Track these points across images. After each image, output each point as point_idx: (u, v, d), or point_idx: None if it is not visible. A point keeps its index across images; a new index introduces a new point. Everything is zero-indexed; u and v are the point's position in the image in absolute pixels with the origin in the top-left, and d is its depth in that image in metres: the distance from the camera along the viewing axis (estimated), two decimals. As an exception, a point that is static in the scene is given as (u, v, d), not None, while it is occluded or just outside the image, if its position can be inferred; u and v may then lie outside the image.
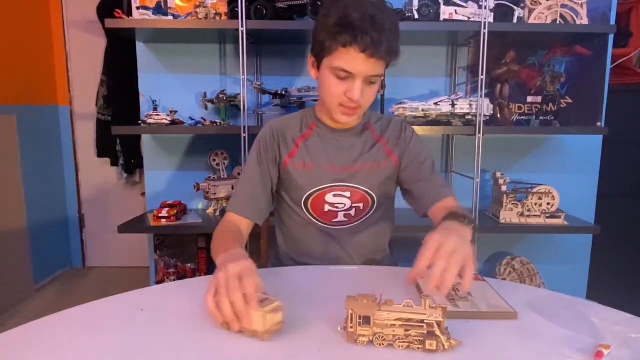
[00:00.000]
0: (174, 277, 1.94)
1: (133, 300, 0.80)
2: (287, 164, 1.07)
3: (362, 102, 0.96)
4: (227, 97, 1.78)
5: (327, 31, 0.91)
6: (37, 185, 2.62)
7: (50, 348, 0.64)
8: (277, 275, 0.96)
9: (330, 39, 0.91)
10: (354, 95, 0.93)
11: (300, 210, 1.09)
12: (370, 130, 1.10)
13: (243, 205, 1.04)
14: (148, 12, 1.61)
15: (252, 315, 0.64)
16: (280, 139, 1.08)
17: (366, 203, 1.08)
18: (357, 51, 0.89)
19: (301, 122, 1.11)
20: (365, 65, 0.91)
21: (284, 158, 1.07)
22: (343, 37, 0.89)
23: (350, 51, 0.90)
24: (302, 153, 1.07)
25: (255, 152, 1.08)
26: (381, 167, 1.08)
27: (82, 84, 2.86)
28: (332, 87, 0.96)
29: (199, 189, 1.77)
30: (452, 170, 1.96)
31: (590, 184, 1.97)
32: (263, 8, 1.60)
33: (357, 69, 0.91)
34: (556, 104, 1.83)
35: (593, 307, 0.79)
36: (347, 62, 0.91)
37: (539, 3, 1.64)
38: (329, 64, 0.94)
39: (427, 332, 0.62)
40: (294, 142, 1.08)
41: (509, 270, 1.87)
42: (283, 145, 1.08)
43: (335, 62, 0.92)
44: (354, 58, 0.90)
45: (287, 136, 1.08)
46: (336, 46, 0.91)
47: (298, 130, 1.10)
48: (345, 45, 0.89)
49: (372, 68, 0.92)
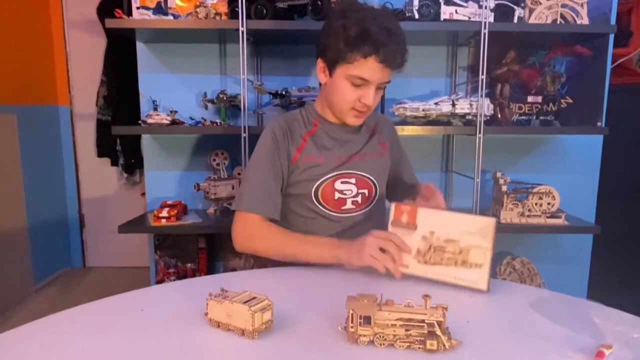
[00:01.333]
0: (174, 277, 1.93)
1: (133, 300, 0.80)
2: (297, 159, 1.10)
3: (372, 105, 1.06)
4: (227, 97, 1.78)
5: (347, 42, 0.98)
6: (37, 185, 2.62)
7: (50, 348, 0.63)
8: (277, 275, 0.96)
9: (350, 49, 0.98)
10: (369, 101, 1.03)
11: (310, 202, 1.11)
12: (365, 126, 1.19)
13: (261, 202, 1.06)
14: (148, 12, 1.61)
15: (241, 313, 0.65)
16: (289, 135, 1.12)
17: (370, 189, 1.14)
18: (376, 61, 0.98)
19: (304, 120, 1.16)
20: (382, 74, 1.01)
21: (292, 154, 1.11)
22: (364, 49, 0.97)
23: (369, 61, 0.98)
24: (311, 147, 1.11)
25: (266, 148, 1.09)
26: (380, 156, 1.19)
27: (82, 84, 2.86)
28: (347, 94, 1.04)
29: (199, 189, 1.77)
30: (452, 170, 1.96)
31: (590, 184, 1.97)
32: (263, 8, 1.60)
33: (374, 77, 1.01)
34: (556, 104, 1.83)
35: (594, 308, 0.79)
36: (365, 71, 1.00)
37: (539, 3, 1.64)
38: (345, 71, 1.02)
39: (427, 332, 0.62)
40: (301, 137, 1.13)
41: (509, 270, 1.87)
42: (292, 141, 1.11)
43: (354, 70, 1.00)
44: (372, 67, 0.99)
45: (295, 132, 1.13)
46: (356, 56, 0.99)
47: (303, 126, 1.15)
48: (366, 56, 0.98)
49: (386, 76, 1.03)
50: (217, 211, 1.82)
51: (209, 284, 0.92)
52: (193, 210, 1.90)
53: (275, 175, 1.08)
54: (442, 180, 1.99)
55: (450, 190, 1.98)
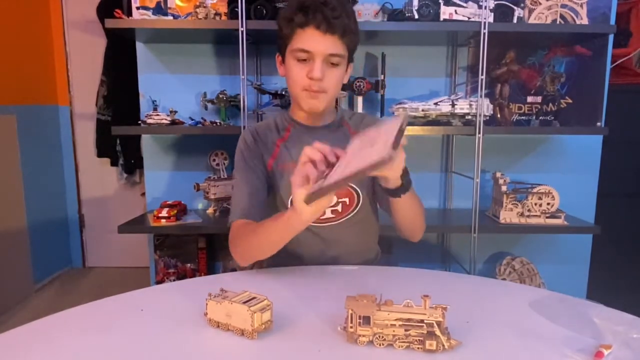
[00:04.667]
0: (174, 277, 1.94)
1: (133, 300, 0.80)
2: (272, 166, 1.07)
3: (325, 84, 0.99)
4: (227, 97, 1.78)
5: (284, 19, 0.97)
6: (37, 185, 2.62)
7: (50, 348, 0.64)
8: (277, 275, 0.96)
9: (288, 26, 0.97)
10: (315, 74, 0.96)
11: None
12: (346, 127, 1.13)
13: (249, 208, 1.01)
14: (148, 12, 1.61)
15: (240, 313, 0.65)
16: (260, 142, 1.09)
17: (351, 197, 1.08)
18: (312, 29, 0.94)
19: (277, 126, 1.12)
20: (323, 42, 0.95)
21: (267, 161, 1.08)
22: (298, 19, 0.95)
23: (306, 31, 0.95)
24: (284, 154, 1.08)
25: (241, 157, 1.07)
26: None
27: (82, 84, 2.86)
28: (296, 72, 0.99)
29: (199, 189, 1.77)
30: (452, 170, 1.96)
31: (590, 184, 1.97)
32: (263, 8, 1.60)
33: (315, 47, 0.95)
34: (556, 104, 1.83)
35: (594, 308, 0.79)
36: (304, 42, 0.96)
37: (538, 3, 1.64)
38: (290, 51, 0.99)
39: (427, 332, 0.62)
40: (274, 144, 1.09)
41: (509, 270, 1.87)
42: (264, 148, 1.08)
43: (294, 44, 0.97)
44: (310, 36, 0.95)
45: (268, 140, 1.09)
46: (293, 29, 0.96)
47: (276, 133, 1.11)
48: (302, 25, 0.95)
49: (329, 46, 0.95)
50: (216, 211, 1.83)
51: (208, 284, 0.92)
52: (193, 210, 1.90)
53: (258, 178, 1.05)
54: (442, 180, 2.00)
55: (450, 190, 1.99)
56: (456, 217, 1.86)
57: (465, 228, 1.69)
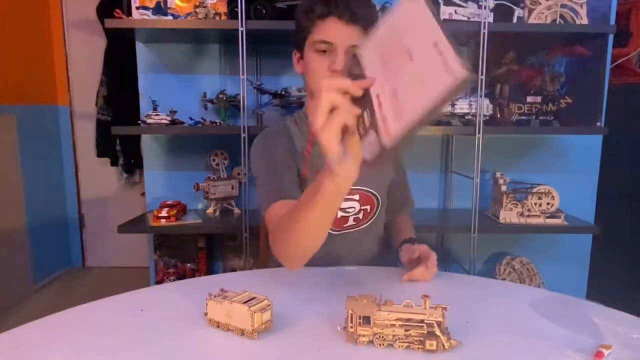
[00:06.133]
0: (173, 277, 1.94)
1: (133, 300, 0.80)
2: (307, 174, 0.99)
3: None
4: (227, 97, 1.78)
5: (303, 12, 0.94)
6: (37, 185, 2.62)
7: (50, 348, 0.63)
8: (277, 275, 0.96)
9: (307, 18, 0.93)
10: (338, 65, 0.90)
11: None
12: None
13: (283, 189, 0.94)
14: (148, 12, 1.61)
15: (240, 313, 0.65)
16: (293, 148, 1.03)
17: (372, 205, 1.07)
18: (334, 20, 0.90)
19: (301, 131, 1.06)
20: (346, 33, 0.90)
21: (302, 168, 1.01)
22: (319, 10, 0.91)
23: (327, 22, 0.91)
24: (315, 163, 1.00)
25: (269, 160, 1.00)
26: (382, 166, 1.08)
27: (82, 84, 2.86)
28: (315, 64, 0.93)
29: (199, 189, 1.77)
30: (452, 170, 1.96)
31: (590, 184, 1.97)
32: (263, 8, 1.60)
33: (337, 38, 0.91)
34: (556, 104, 1.83)
35: (594, 308, 0.79)
36: (326, 33, 0.91)
37: (538, 3, 1.64)
38: (310, 43, 0.94)
39: (427, 332, 0.62)
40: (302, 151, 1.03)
41: (509, 270, 1.87)
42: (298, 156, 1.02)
43: (315, 36, 0.92)
44: (332, 27, 0.91)
45: (297, 147, 1.04)
46: (315, 22, 0.92)
47: (303, 139, 1.05)
48: (322, 16, 0.91)
49: (352, 37, 0.90)
50: (216, 211, 1.82)
51: (208, 284, 0.92)
52: (193, 210, 1.90)
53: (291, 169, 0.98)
54: (442, 180, 2.00)
55: (450, 190, 1.99)
56: (456, 217, 1.86)
57: (465, 228, 1.69)
